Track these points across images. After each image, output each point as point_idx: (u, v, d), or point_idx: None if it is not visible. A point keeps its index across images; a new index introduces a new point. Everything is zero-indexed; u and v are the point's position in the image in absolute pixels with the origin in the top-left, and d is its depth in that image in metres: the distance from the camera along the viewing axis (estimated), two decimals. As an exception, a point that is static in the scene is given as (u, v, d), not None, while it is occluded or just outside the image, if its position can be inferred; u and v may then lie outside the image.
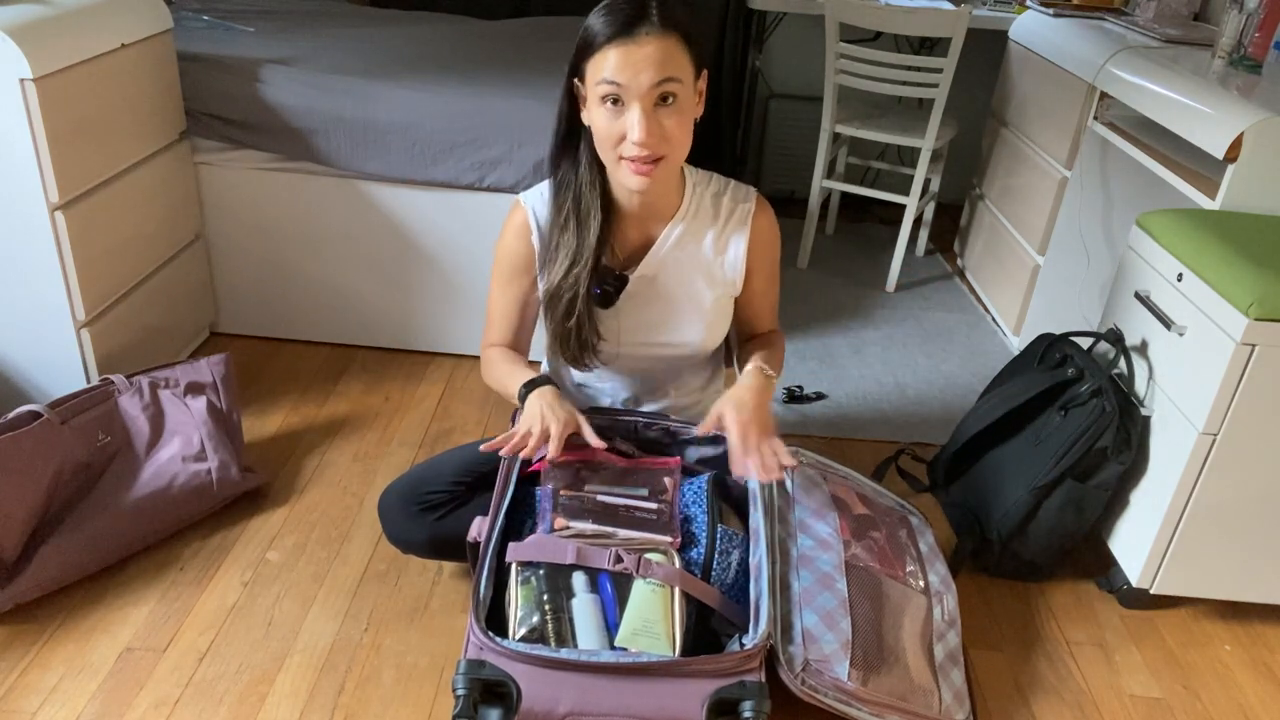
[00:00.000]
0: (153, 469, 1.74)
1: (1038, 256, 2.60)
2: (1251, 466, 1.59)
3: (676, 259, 1.49)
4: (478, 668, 1.17)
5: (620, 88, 1.27)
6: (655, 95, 1.28)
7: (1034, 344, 1.95)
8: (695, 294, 1.51)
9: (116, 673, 1.50)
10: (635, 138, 1.28)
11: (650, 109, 1.28)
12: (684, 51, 1.29)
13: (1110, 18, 2.72)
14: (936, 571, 1.61)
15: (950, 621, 1.54)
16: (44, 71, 1.70)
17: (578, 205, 1.43)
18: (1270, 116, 1.71)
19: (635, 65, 1.26)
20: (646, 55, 1.26)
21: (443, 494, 1.58)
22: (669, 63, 1.27)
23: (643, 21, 1.26)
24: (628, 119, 1.29)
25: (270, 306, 2.43)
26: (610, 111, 1.30)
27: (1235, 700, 1.61)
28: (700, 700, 1.17)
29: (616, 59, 1.26)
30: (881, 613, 1.43)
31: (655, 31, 1.26)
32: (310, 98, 2.19)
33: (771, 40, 3.60)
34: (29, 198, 1.77)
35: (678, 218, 1.48)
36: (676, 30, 1.28)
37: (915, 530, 1.67)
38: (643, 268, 1.49)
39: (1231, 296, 1.50)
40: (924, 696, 1.39)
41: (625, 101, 1.28)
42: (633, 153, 1.30)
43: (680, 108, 1.30)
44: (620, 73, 1.26)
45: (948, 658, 1.49)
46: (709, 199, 1.50)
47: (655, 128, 1.29)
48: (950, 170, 3.52)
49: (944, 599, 1.56)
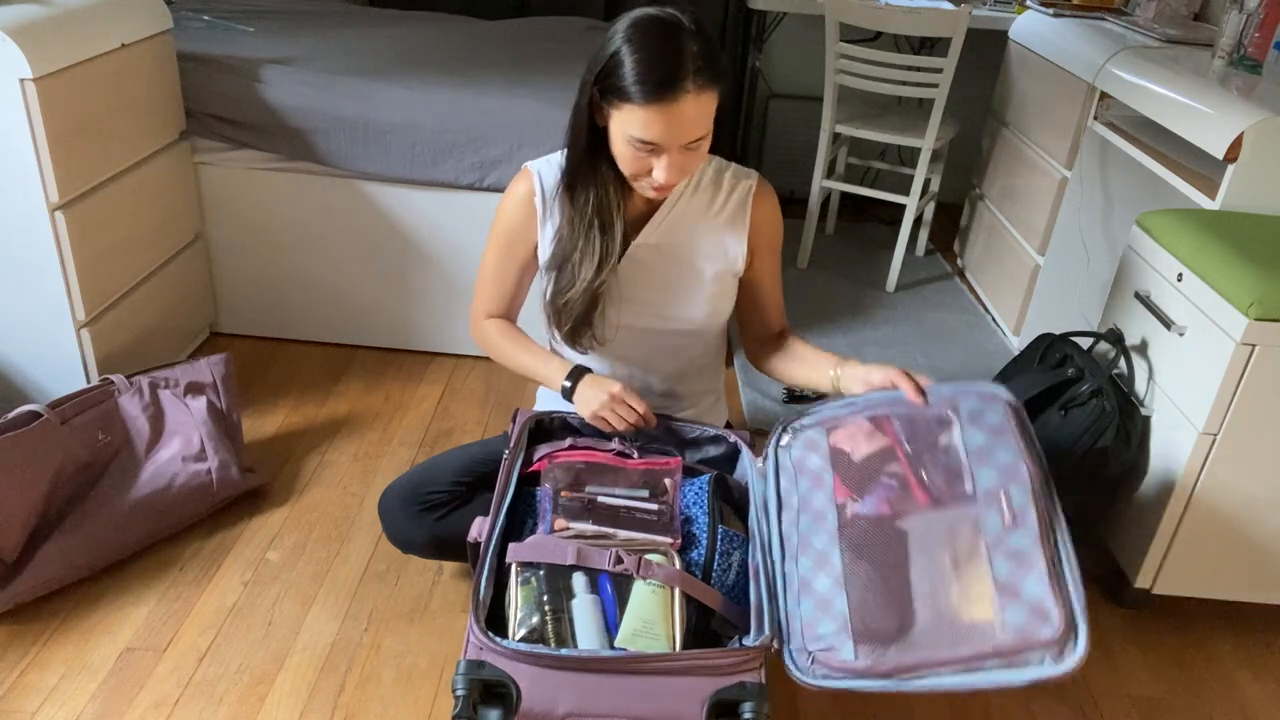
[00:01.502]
0: (153, 469, 1.74)
1: (1038, 256, 2.60)
2: (1251, 466, 1.59)
3: (677, 231, 1.50)
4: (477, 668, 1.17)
5: (654, 145, 1.28)
6: (684, 147, 1.30)
7: (1034, 344, 1.95)
8: (695, 268, 1.51)
9: (116, 673, 1.50)
10: (661, 180, 1.31)
11: (678, 156, 1.31)
12: (718, 98, 1.29)
13: (1110, 18, 2.72)
14: (995, 463, 1.31)
15: (1017, 518, 1.25)
16: (44, 71, 1.70)
17: (600, 209, 1.43)
18: (1270, 116, 1.71)
19: (672, 128, 1.26)
20: (684, 118, 1.25)
21: (443, 494, 1.58)
22: (705, 120, 1.28)
23: (683, 82, 1.24)
24: (655, 162, 1.31)
25: (270, 306, 2.43)
26: (637, 154, 1.31)
27: (1235, 700, 1.61)
28: (700, 701, 1.17)
29: (652, 120, 1.25)
30: (892, 567, 1.27)
31: (695, 92, 1.25)
32: (310, 98, 2.19)
33: (771, 40, 3.60)
34: (29, 198, 1.77)
35: (677, 190, 1.49)
36: (716, 84, 1.27)
37: (963, 424, 1.37)
38: (643, 236, 1.49)
39: (1231, 296, 1.50)
40: (979, 635, 1.18)
41: (656, 150, 1.30)
42: (655, 184, 1.34)
43: (705, 145, 1.32)
44: (654, 133, 1.27)
45: (1017, 566, 1.21)
46: (710, 174, 1.51)
47: (682, 171, 1.32)
48: (950, 170, 3.52)
49: (1004, 494, 1.28)
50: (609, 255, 1.44)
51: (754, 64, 3.50)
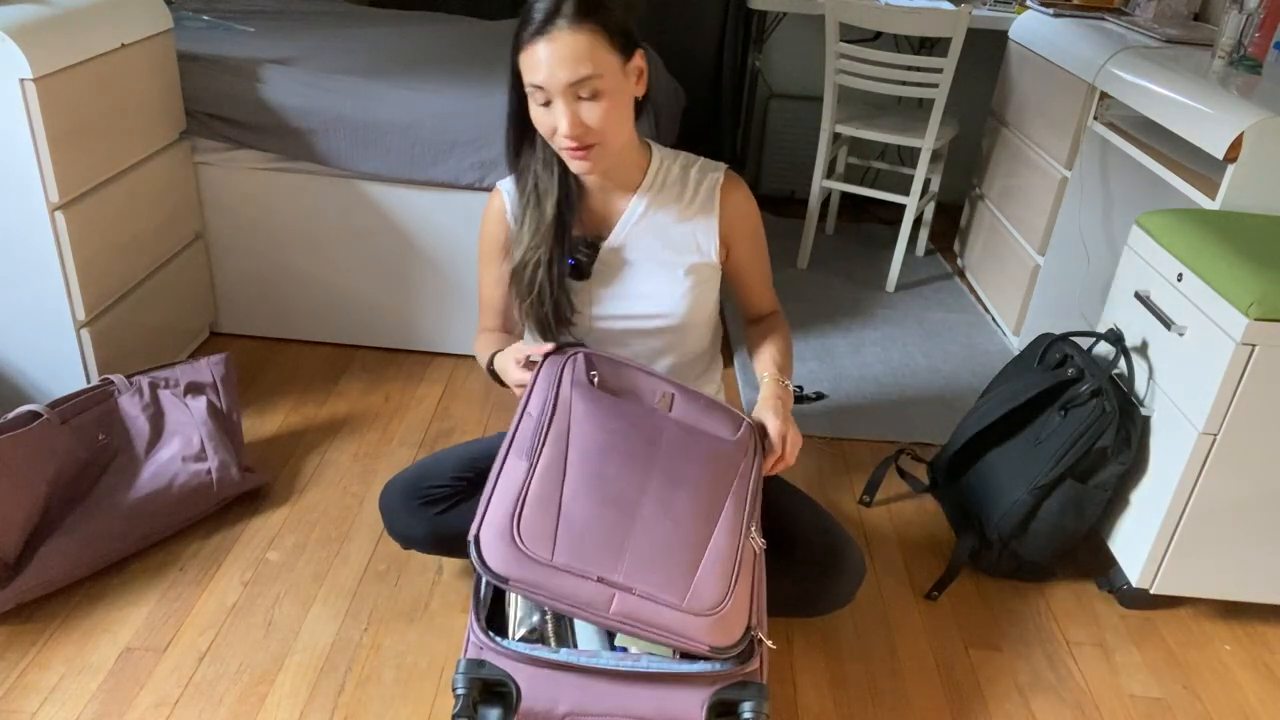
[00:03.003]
0: (152, 469, 1.74)
1: (1038, 256, 2.60)
2: (1251, 466, 1.59)
3: (645, 230, 1.51)
4: (477, 667, 1.17)
5: (542, 89, 1.31)
6: (574, 93, 1.32)
7: (1034, 344, 1.95)
8: (667, 263, 1.52)
9: (116, 673, 1.50)
10: (562, 130, 1.33)
11: (572, 102, 1.32)
12: (603, 43, 1.30)
13: (1110, 18, 2.72)
14: None
15: None
16: (44, 71, 1.70)
17: (536, 185, 1.47)
18: (1270, 116, 1.71)
19: (550, 65, 1.29)
20: (560, 55, 1.29)
21: (444, 489, 1.59)
22: (584, 60, 1.29)
23: (557, 16, 1.28)
24: (554, 112, 1.33)
25: (270, 306, 2.43)
26: (541, 108, 1.35)
27: (1235, 700, 1.61)
28: (700, 701, 1.17)
29: (536, 58, 1.30)
30: None
31: (568, 26, 1.28)
32: (310, 98, 2.19)
33: (771, 40, 3.60)
34: (29, 198, 1.77)
35: (642, 189, 1.51)
36: (592, 20, 1.29)
37: None
38: (611, 239, 1.51)
39: (1231, 296, 1.50)
40: None
41: (551, 98, 1.32)
42: (564, 143, 1.35)
43: (604, 98, 1.33)
44: (538, 73, 1.30)
45: None
46: (677, 171, 1.53)
47: (579, 120, 1.33)
48: (950, 170, 3.52)
49: None
50: (542, 224, 1.46)
51: (754, 64, 3.50)
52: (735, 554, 1.21)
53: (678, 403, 1.38)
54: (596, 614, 1.12)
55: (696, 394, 1.41)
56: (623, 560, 1.15)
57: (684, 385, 1.42)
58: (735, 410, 1.42)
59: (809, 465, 2.14)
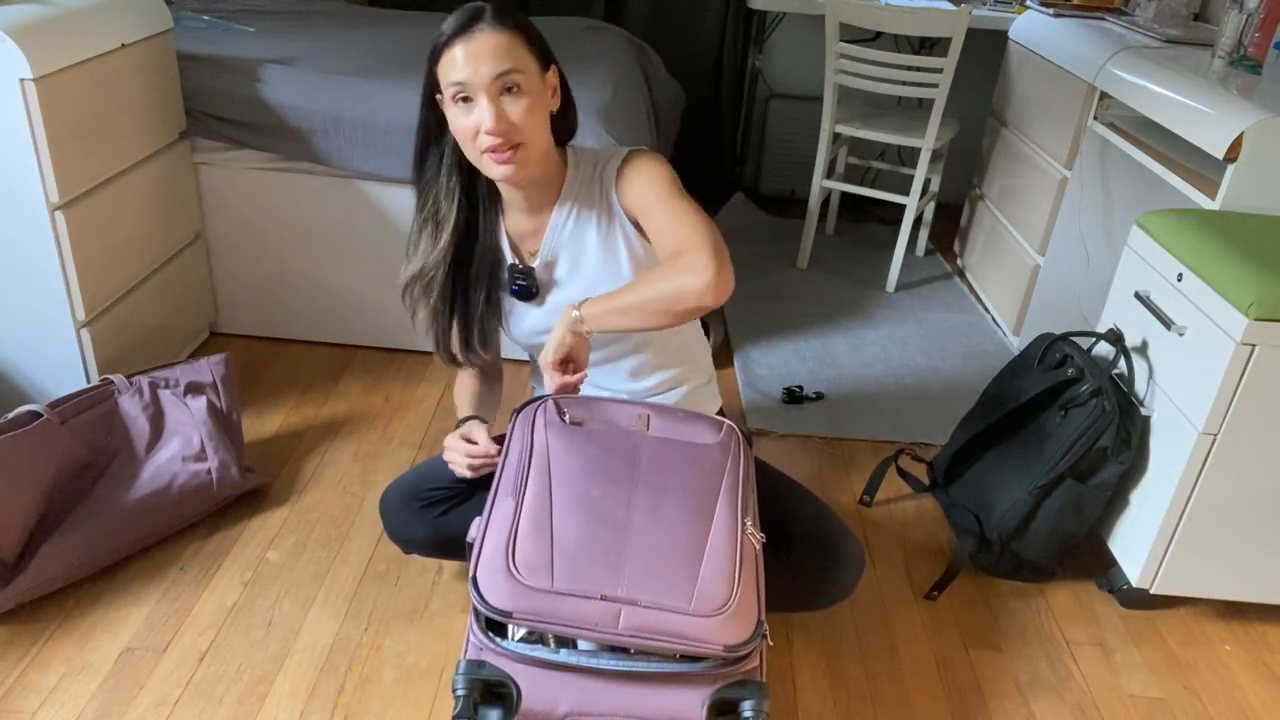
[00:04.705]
0: (152, 469, 1.74)
1: (1038, 256, 2.60)
2: (1251, 466, 1.59)
3: (576, 237, 1.51)
4: (477, 668, 1.17)
5: (466, 85, 1.33)
6: (499, 86, 1.33)
7: (1034, 344, 1.95)
8: (605, 260, 1.51)
9: (116, 673, 1.50)
10: (486, 126, 1.34)
11: (496, 98, 1.34)
12: (523, 46, 1.35)
13: (1110, 18, 2.73)
14: None
15: None
16: (44, 71, 1.70)
17: (436, 209, 1.49)
18: (1270, 116, 1.71)
19: (475, 59, 1.32)
20: (483, 49, 1.32)
21: (444, 491, 1.59)
22: (507, 54, 1.33)
23: (478, 20, 1.34)
24: (477, 111, 1.34)
25: (270, 306, 2.43)
26: (463, 109, 1.36)
27: (1235, 700, 1.61)
28: (701, 700, 1.17)
29: (457, 57, 1.33)
30: None
31: (490, 28, 1.33)
32: (310, 98, 2.19)
33: (771, 40, 3.60)
34: (29, 198, 1.77)
35: (563, 197, 1.50)
36: (512, 26, 1.35)
37: None
38: (542, 254, 1.52)
39: (1231, 296, 1.50)
40: None
41: (473, 97, 1.34)
42: (488, 143, 1.35)
43: (526, 97, 1.35)
44: (462, 70, 1.32)
45: None
46: (589, 170, 1.52)
47: (503, 115, 1.34)
48: (950, 170, 3.52)
49: None
50: (435, 253, 1.49)
51: (754, 64, 3.50)
52: (735, 551, 1.21)
53: (654, 421, 1.39)
54: (605, 632, 1.13)
55: (672, 409, 1.41)
56: (623, 574, 1.16)
57: (659, 405, 1.41)
58: (714, 417, 1.41)
59: (809, 465, 2.14)
